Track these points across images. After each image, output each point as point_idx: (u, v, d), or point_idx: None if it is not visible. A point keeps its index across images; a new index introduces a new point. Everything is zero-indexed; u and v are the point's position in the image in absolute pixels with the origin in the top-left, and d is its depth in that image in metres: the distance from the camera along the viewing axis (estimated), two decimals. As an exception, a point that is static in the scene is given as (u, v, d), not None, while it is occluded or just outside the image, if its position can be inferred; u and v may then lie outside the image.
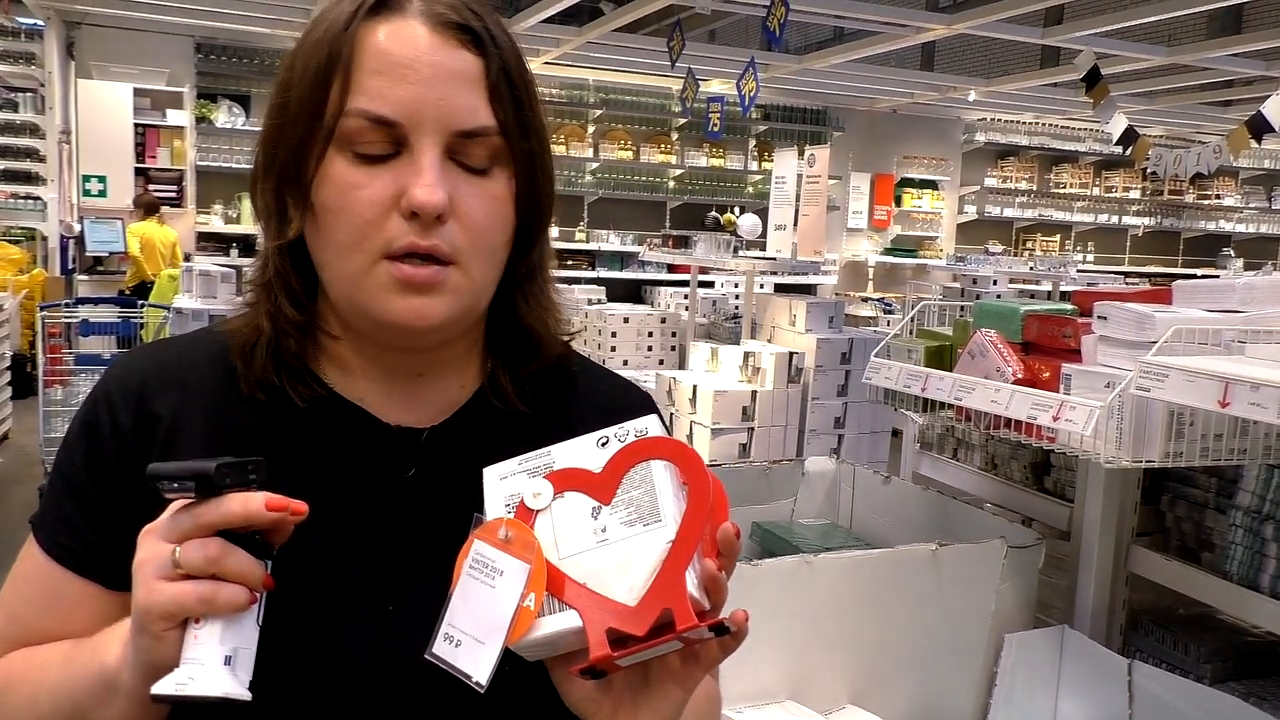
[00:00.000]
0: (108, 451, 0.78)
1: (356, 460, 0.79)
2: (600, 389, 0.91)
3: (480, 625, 0.65)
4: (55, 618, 0.78)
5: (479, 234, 0.76)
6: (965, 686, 1.95)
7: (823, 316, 5.75)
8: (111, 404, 0.79)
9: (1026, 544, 2.01)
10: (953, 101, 10.15)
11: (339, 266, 0.75)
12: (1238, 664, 2.04)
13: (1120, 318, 1.71)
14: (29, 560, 0.80)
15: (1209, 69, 8.21)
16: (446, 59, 0.74)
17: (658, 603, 0.63)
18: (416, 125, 0.72)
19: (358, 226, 0.73)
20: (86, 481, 0.78)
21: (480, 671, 0.64)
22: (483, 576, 0.66)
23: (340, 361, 0.82)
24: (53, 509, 0.80)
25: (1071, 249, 12.13)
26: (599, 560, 0.66)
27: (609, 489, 0.68)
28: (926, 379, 1.96)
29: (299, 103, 0.74)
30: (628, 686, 0.69)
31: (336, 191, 0.73)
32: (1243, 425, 1.73)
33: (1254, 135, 6.64)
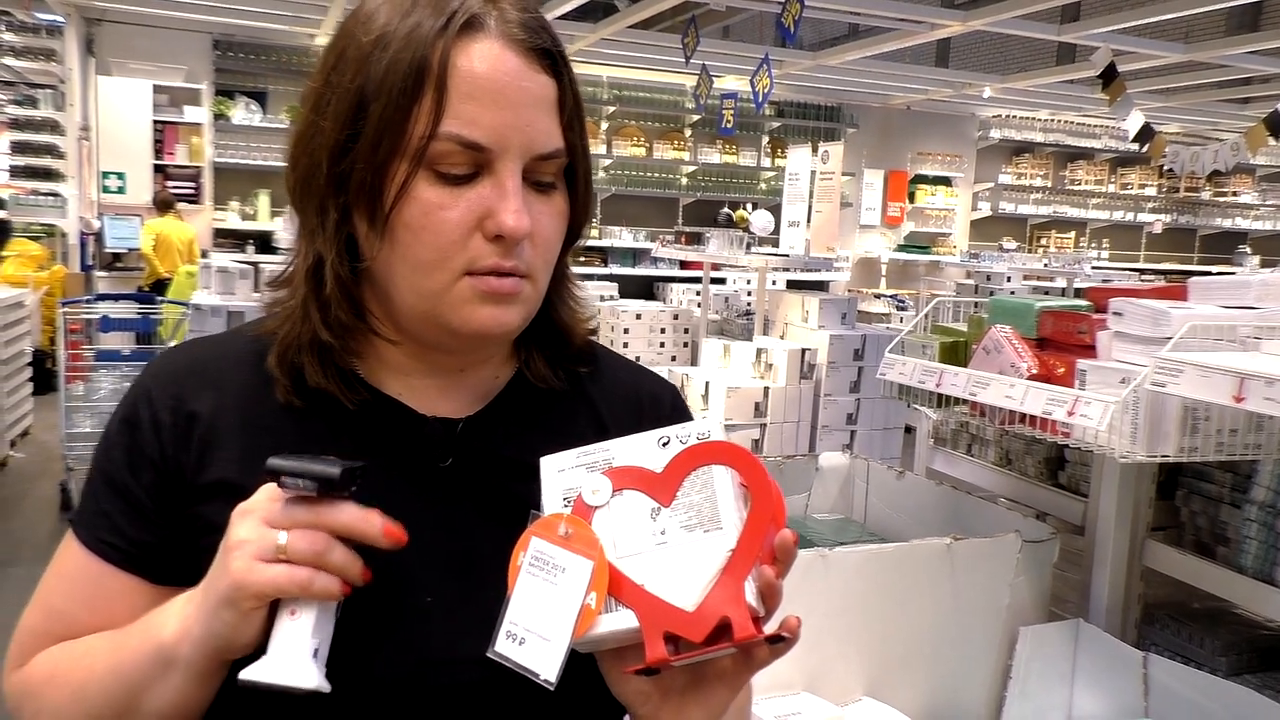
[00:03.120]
0: (148, 448, 0.80)
1: (393, 452, 0.80)
2: (623, 377, 0.93)
3: (544, 622, 0.65)
4: (96, 613, 0.80)
5: (548, 249, 0.79)
6: (980, 679, 1.96)
7: (835, 313, 5.76)
8: (151, 401, 0.81)
9: (1041, 538, 2.02)
10: (967, 98, 10.12)
11: (418, 282, 0.76)
12: (1253, 657, 2.05)
13: (1135, 314, 1.72)
14: (69, 556, 0.82)
15: (1227, 66, 8.17)
16: (532, 84, 0.75)
17: (716, 610, 0.64)
18: (503, 150, 0.74)
19: (442, 247, 0.74)
20: (127, 478, 0.80)
21: (549, 669, 0.64)
22: (544, 574, 0.66)
23: (382, 360, 0.83)
24: (92, 505, 0.81)
25: (1086, 246, 12.09)
26: (657, 562, 0.67)
27: (669, 490, 0.68)
28: (941, 375, 1.97)
29: (382, 120, 0.73)
30: (677, 684, 0.70)
31: (421, 211, 0.74)
32: (1258, 420, 1.74)
33: (1272, 133, 6.62)
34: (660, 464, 0.69)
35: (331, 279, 0.78)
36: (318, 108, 0.77)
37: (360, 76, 0.75)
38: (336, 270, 0.78)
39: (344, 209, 0.77)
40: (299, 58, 9.30)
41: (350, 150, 0.75)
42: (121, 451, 0.80)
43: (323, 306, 0.79)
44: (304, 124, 0.79)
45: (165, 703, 0.73)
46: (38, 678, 0.80)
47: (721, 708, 0.71)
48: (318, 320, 0.79)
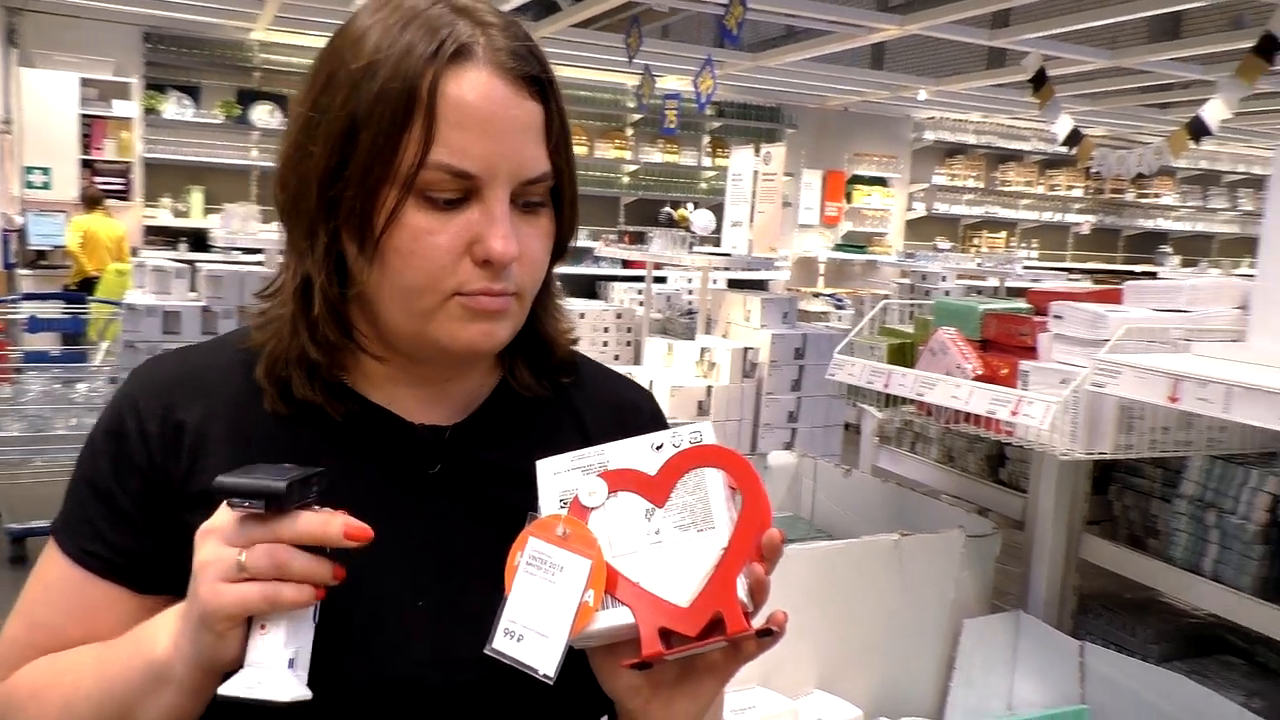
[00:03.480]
0: (135, 457, 0.80)
1: (382, 459, 0.82)
2: (604, 386, 0.95)
3: (542, 620, 0.67)
4: (80, 623, 0.79)
5: (535, 268, 0.80)
6: (926, 670, 2.03)
7: (777, 312, 5.84)
8: (139, 411, 0.81)
9: (984, 533, 2.10)
10: (903, 100, 10.31)
11: (408, 303, 0.77)
12: (1182, 644, 2.15)
13: (1075, 317, 1.79)
14: (51, 566, 0.81)
15: (1149, 72, 8.44)
16: (520, 111, 0.76)
17: (710, 606, 0.67)
18: (492, 177, 0.75)
19: (432, 271, 0.75)
20: (114, 487, 0.80)
21: (547, 664, 0.66)
22: (541, 572, 0.68)
23: (368, 373, 0.84)
24: (77, 515, 0.81)
25: (1017, 246, 12.39)
26: (652, 561, 0.69)
27: (663, 492, 0.71)
28: (889, 375, 2.03)
29: (373, 148, 0.74)
30: (667, 677, 0.73)
31: (410, 236, 0.75)
32: (1188, 419, 1.83)
33: (1193, 137, 6.86)
34: (654, 467, 0.71)
35: (320, 299, 0.79)
36: (306, 131, 0.77)
37: (350, 103, 0.75)
38: (325, 291, 0.79)
39: (333, 232, 0.78)
40: (234, 52, 9.12)
41: (340, 176, 0.76)
42: (108, 461, 0.80)
43: (310, 324, 0.79)
44: (292, 146, 0.79)
45: (158, 717, 0.73)
46: (22, 693, 0.79)
47: (708, 700, 0.74)
48: (305, 337, 0.79)
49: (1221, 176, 13.77)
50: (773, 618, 0.69)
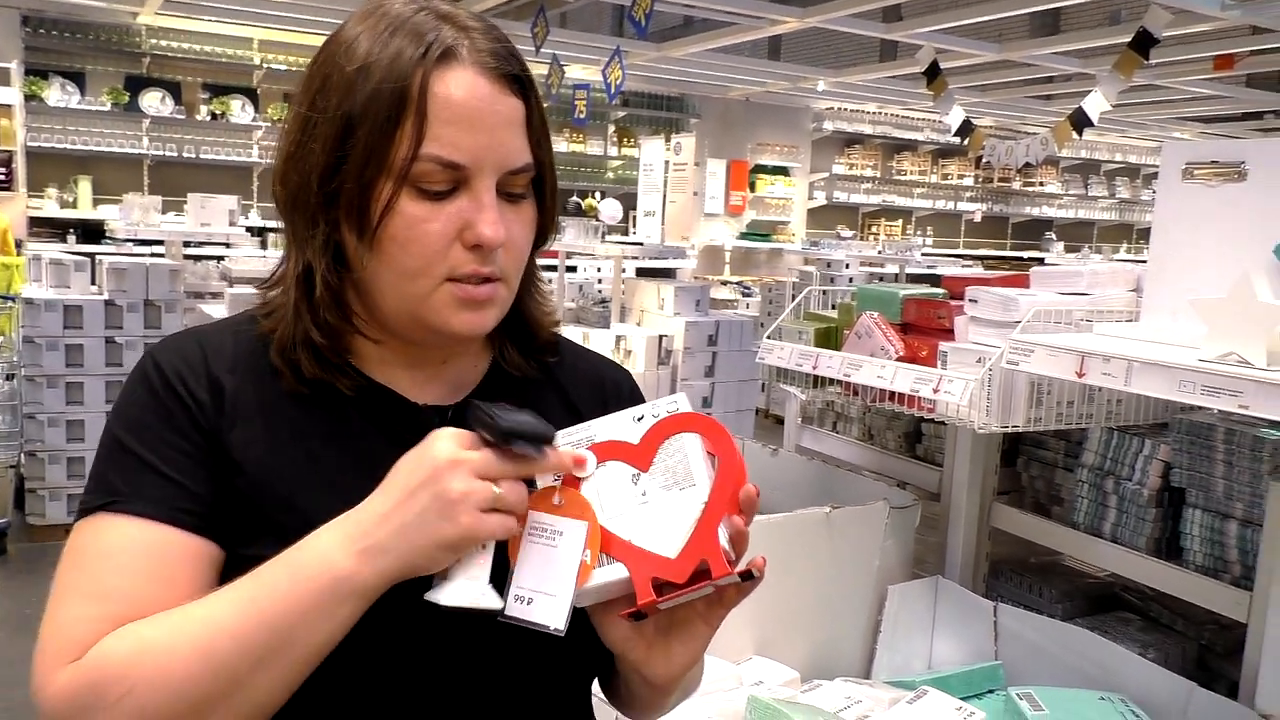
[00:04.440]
0: (195, 418, 0.83)
1: (391, 437, 0.86)
2: (587, 365, 1.03)
3: (548, 581, 0.74)
4: (161, 585, 0.79)
5: (519, 254, 0.87)
6: (855, 633, 2.15)
7: (690, 300, 5.96)
8: (184, 379, 0.85)
9: (905, 505, 2.23)
10: (802, 91, 10.54)
11: (403, 288, 0.83)
12: (1084, 603, 2.32)
13: (988, 300, 1.93)
14: (111, 535, 0.80)
15: (1033, 65, 8.83)
16: (503, 107, 0.83)
17: (695, 554, 0.74)
18: (479, 168, 0.81)
19: (426, 256, 0.82)
20: (182, 447, 0.82)
21: (557, 619, 0.73)
22: (543, 540, 0.75)
23: (367, 356, 0.90)
24: (147, 481, 0.81)
25: (913, 233, 12.81)
26: (641, 519, 0.76)
27: (646, 458, 0.78)
28: (817, 358, 2.14)
29: (368, 144, 0.80)
30: (662, 626, 0.80)
31: (405, 224, 0.81)
32: (1089, 393, 1.98)
33: (1076, 128, 7.22)
34: (636, 436, 0.78)
35: (321, 286, 0.85)
36: (305, 130, 0.84)
37: (346, 103, 0.81)
38: (325, 278, 0.85)
39: (332, 223, 0.84)
40: (120, 37, 8.79)
41: (339, 171, 0.82)
42: (167, 427, 0.83)
43: (312, 309, 0.85)
44: (292, 144, 0.85)
45: (327, 637, 0.75)
46: (119, 659, 0.75)
47: (702, 645, 0.81)
48: (308, 321, 0.85)
49: (1100, 166, 14.47)
50: (753, 562, 0.76)
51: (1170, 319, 1.80)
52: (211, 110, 9.06)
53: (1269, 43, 7.27)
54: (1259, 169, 1.68)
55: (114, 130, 8.83)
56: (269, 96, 9.39)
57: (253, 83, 9.33)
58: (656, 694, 0.91)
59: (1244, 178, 1.71)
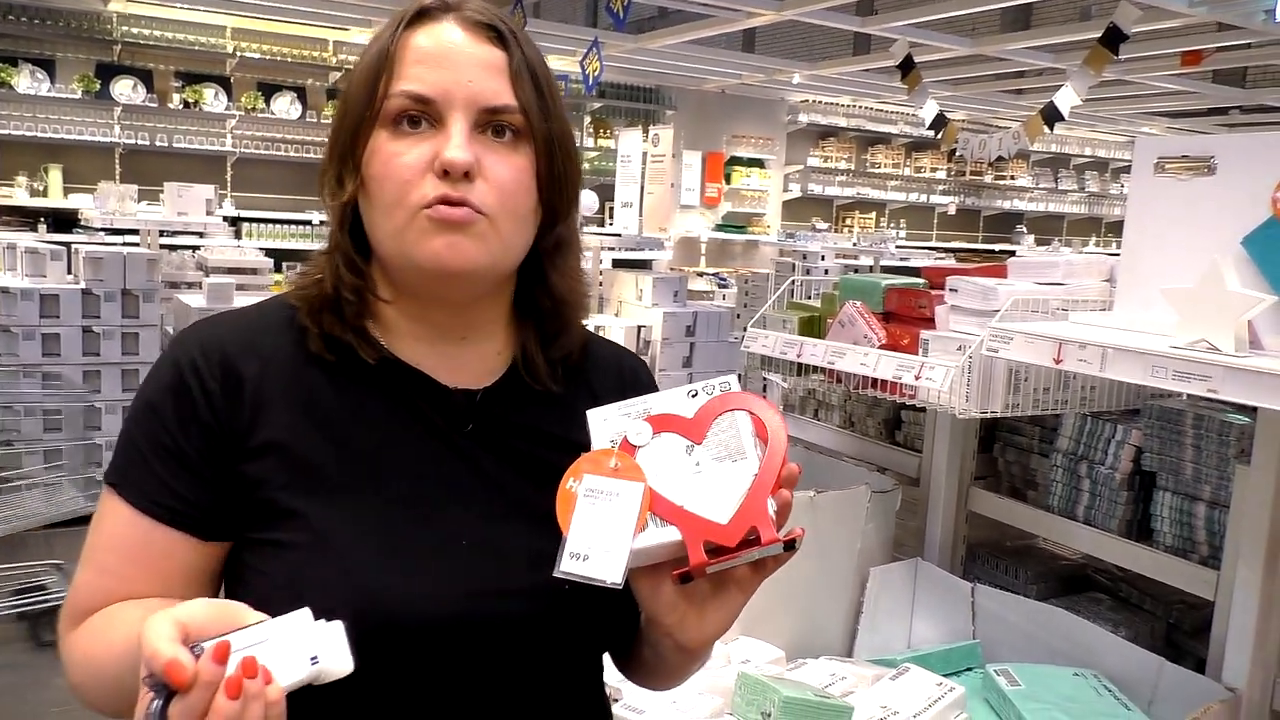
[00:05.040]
0: (199, 413, 0.86)
1: (422, 417, 0.90)
2: (607, 353, 1.05)
3: (604, 539, 0.77)
4: (146, 569, 0.86)
5: (505, 194, 0.87)
6: (838, 614, 2.21)
7: (668, 291, 6.00)
8: (198, 370, 0.87)
9: (886, 489, 2.29)
10: (777, 83, 10.59)
11: (385, 224, 0.87)
12: (1057, 584, 2.39)
13: (968, 290, 1.98)
14: (114, 516, 0.87)
15: (1005, 60, 8.93)
16: (476, 51, 0.88)
17: (746, 521, 0.77)
18: (449, 102, 0.86)
19: (399, 186, 0.86)
20: (179, 441, 0.86)
21: (614, 573, 0.76)
22: (600, 501, 0.79)
23: (392, 327, 0.93)
24: (139, 467, 0.87)
25: (886, 225, 12.91)
26: (693, 487, 0.80)
27: (700, 431, 0.82)
28: (802, 346, 2.19)
29: (354, 96, 0.88)
30: (701, 592, 0.83)
31: (381, 160, 0.87)
32: (1065, 380, 2.05)
33: (1047, 123, 7.32)
34: (690, 411, 0.83)
35: (332, 240, 0.92)
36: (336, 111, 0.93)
37: (369, 64, 0.90)
38: (334, 234, 0.92)
39: (339, 174, 0.90)
40: (91, 24, 8.68)
41: (340, 129, 0.90)
42: (171, 416, 0.87)
43: (335, 269, 0.91)
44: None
45: None
46: (79, 642, 0.87)
47: (737, 611, 0.84)
48: (332, 281, 0.91)
49: (1070, 160, 14.63)
50: (793, 532, 0.80)
51: (1142, 308, 1.86)
52: (184, 98, 8.97)
53: (1234, 39, 7.40)
54: (1227, 164, 1.74)
55: (85, 118, 8.73)
56: (242, 85, 9.32)
57: (226, 71, 9.24)
58: (687, 660, 0.94)
59: (1213, 172, 1.77)
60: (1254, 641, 1.78)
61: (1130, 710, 1.83)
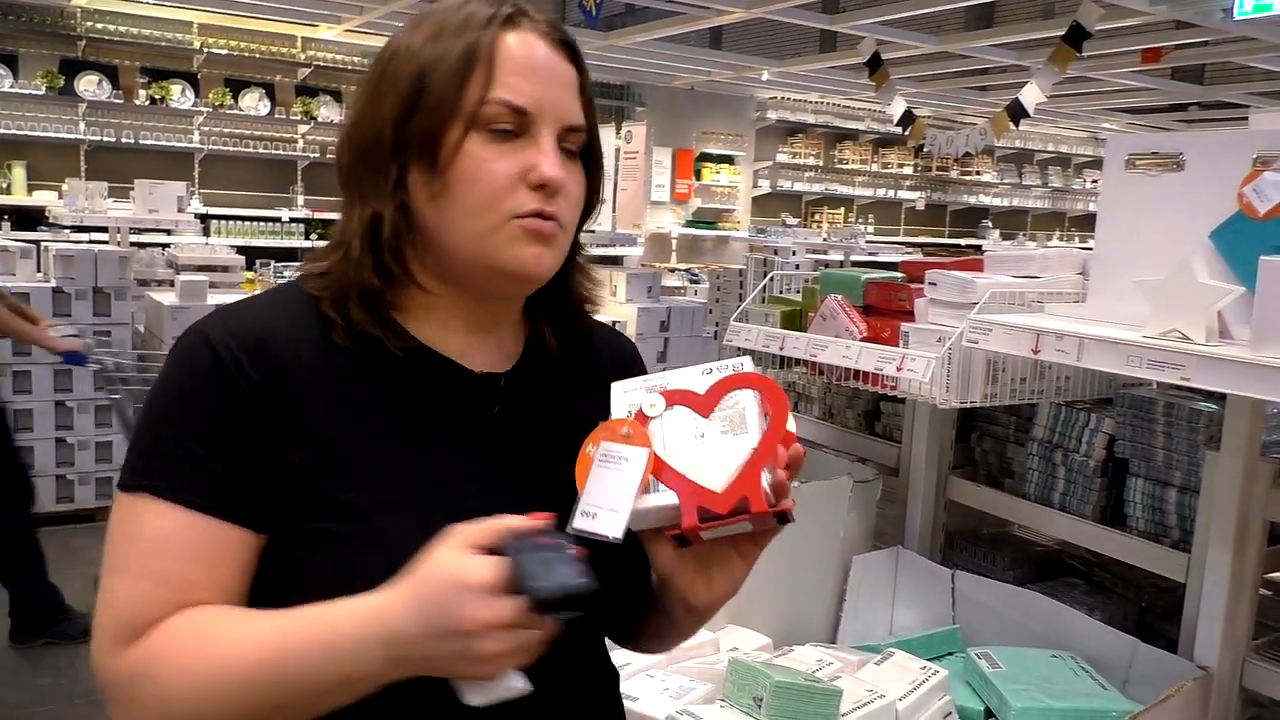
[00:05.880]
0: (247, 401, 0.85)
1: (451, 403, 0.92)
2: (606, 336, 1.10)
3: (610, 499, 0.82)
4: (206, 570, 0.83)
5: (573, 206, 0.94)
6: (821, 602, 2.26)
7: (642, 287, 6.04)
8: (237, 359, 0.85)
9: (868, 479, 2.34)
10: (746, 80, 10.66)
11: (468, 224, 0.89)
12: (1032, 570, 2.45)
13: (947, 283, 2.03)
14: (158, 520, 0.83)
15: (970, 57, 9.05)
16: (560, 68, 0.92)
17: (739, 491, 0.82)
18: (540, 116, 0.89)
19: (492, 192, 0.88)
20: (229, 431, 0.84)
21: (616, 530, 0.81)
22: (611, 465, 0.84)
23: (424, 315, 0.94)
24: (181, 464, 0.84)
25: (855, 221, 13.03)
26: (697, 456, 0.85)
27: (709, 406, 0.87)
28: (784, 339, 2.23)
29: (442, 90, 0.88)
30: (705, 557, 0.88)
31: (473, 164, 0.88)
32: (1041, 370, 2.11)
33: (1013, 119, 7.44)
34: (703, 387, 0.88)
35: (389, 229, 0.90)
36: (377, 91, 0.91)
37: (419, 59, 0.89)
38: (395, 222, 0.90)
39: (402, 167, 0.90)
40: (54, 19, 8.58)
41: (411, 118, 0.89)
42: (217, 406, 0.84)
43: (376, 258, 0.90)
44: (362, 107, 0.93)
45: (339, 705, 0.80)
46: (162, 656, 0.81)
47: (741, 578, 0.90)
48: (369, 269, 0.90)
49: (1034, 155, 14.84)
50: (784, 504, 0.84)
51: (1115, 300, 1.92)
52: (151, 95, 8.88)
53: (1193, 37, 7.55)
54: (1195, 160, 1.80)
55: (49, 114, 8.62)
56: (210, 81, 9.23)
57: (193, 67, 9.16)
58: (695, 621, 1.00)
59: (1182, 168, 1.83)
60: (1224, 621, 1.84)
61: (1107, 690, 1.89)
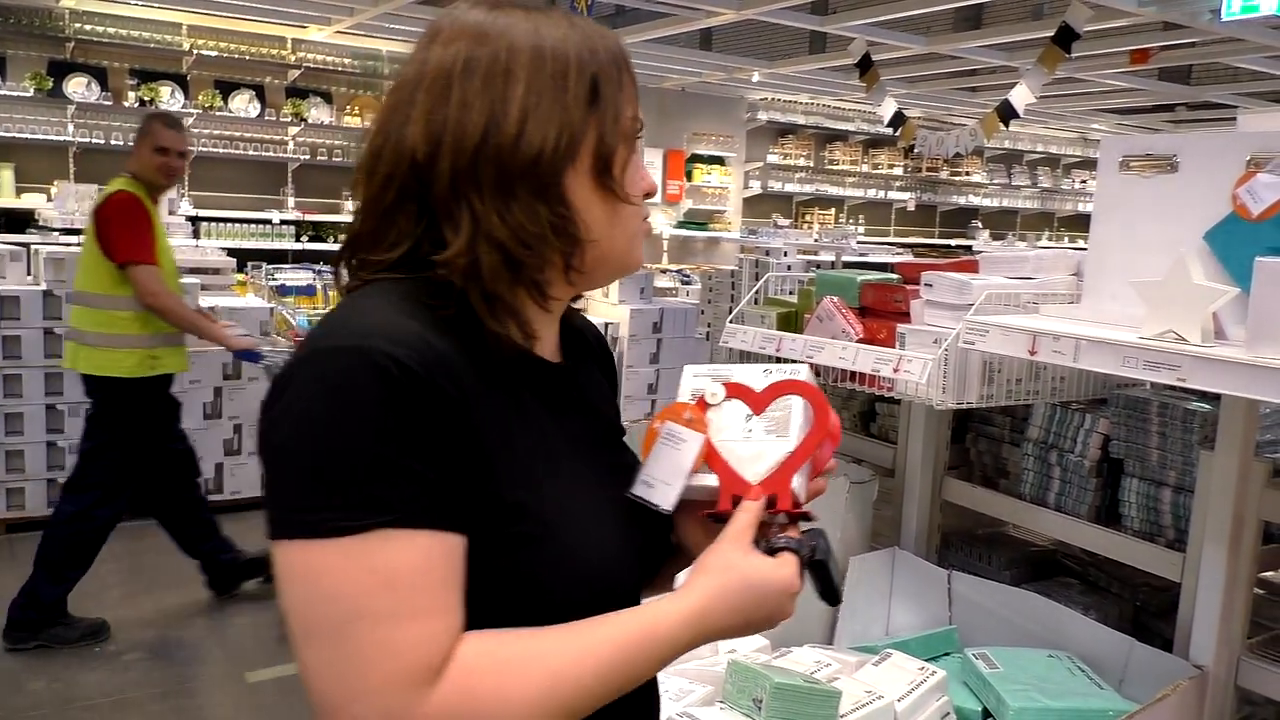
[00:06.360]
0: (449, 411, 0.80)
1: (553, 396, 0.96)
2: (581, 322, 1.13)
3: (666, 474, 0.95)
4: (454, 588, 0.80)
5: None
6: (818, 603, 2.25)
7: (634, 288, 6.04)
8: (431, 372, 0.80)
9: (864, 480, 2.34)
10: (737, 82, 10.67)
11: (625, 228, 0.95)
12: (1028, 569, 2.47)
13: (943, 285, 2.04)
14: (408, 551, 0.77)
15: (959, 58, 9.07)
16: None
17: (770, 488, 0.92)
18: None
19: (640, 199, 0.97)
20: (436, 447, 0.79)
21: (667, 501, 0.94)
22: (671, 444, 0.95)
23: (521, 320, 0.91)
24: (411, 487, 0.78)
25: (845, 221, 13.05)
26: (741, 449, 0.95)
27: (762, 404, 0.97)
28: (780, 340, 2.24)
29: (614, 103, 0.92)
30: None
31: (632, 171, 0.95)
32: (1036, 371, 2.12)
33: (1003, 120, 7.46)
34: (760, 386, 0.98)
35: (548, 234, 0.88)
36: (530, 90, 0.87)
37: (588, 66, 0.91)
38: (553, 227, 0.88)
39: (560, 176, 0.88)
40: (42, 20, 8.53)
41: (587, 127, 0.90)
42: (440, 429, 0.80)
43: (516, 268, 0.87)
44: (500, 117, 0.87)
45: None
46: (486, 674, 0.79)
47: None
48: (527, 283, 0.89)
49: (1023, 156, 14.89)
50: (808, 511, 0.94)
51: (1110, 300, 1.93)
52: (140, 97, 8.84)
53: (1180, 38, 7.59)
54: (1189, 162, 1.82)
55: (37, 117, 8.57)
56: (199, 83, 9.19)
57: (182, 69, 9.12)
58: None
59: (1176, 170, 1.85)
60: (1219, 620, 1.85)
61: (1103, 689, 1.90)
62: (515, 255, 0.87)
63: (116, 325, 3.67)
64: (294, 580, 0.78)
